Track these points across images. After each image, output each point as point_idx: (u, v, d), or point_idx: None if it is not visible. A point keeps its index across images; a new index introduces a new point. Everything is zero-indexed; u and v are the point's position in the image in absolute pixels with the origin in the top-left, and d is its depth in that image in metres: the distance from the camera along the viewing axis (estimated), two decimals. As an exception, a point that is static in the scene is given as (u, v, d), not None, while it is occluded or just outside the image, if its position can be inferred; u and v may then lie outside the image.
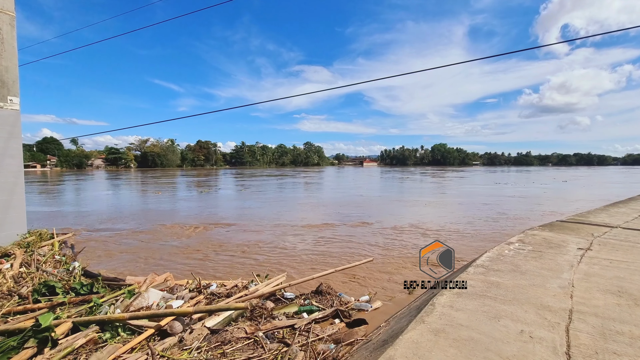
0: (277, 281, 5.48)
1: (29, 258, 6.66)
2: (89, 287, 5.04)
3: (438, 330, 2.35)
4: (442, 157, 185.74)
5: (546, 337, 2.25)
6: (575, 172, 76.26)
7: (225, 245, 9.66)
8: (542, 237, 5.25)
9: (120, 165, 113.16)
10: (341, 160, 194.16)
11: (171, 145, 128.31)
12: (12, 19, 8.27)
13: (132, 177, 58.53)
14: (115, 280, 5.58)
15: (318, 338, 3.67)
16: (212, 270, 7.33)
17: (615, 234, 5.62)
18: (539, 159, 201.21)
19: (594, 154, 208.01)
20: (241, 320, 4.16)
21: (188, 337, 3.61)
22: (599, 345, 2.16)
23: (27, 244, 7.64)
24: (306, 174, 65.01)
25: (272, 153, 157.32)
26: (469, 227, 12.06)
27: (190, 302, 4.68)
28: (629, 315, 2.60)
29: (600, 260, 4.06)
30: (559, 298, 2.91)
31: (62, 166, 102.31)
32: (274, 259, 8.21)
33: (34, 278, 5.64)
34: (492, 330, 2.34)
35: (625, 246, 4.78)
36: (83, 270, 6.23)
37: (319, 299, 4.95)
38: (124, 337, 3.68)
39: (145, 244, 9.89)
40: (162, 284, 5.45)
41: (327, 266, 6.89)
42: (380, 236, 10.60)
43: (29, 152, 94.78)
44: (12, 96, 8.07)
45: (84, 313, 4.28)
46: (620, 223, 6.56)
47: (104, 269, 6.96)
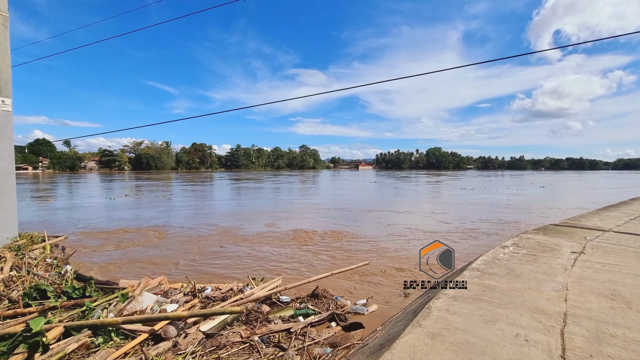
0: (272, 285, 5.45)
1: (19, 261, 6.55)
2: (81, 290, 4.97)
3: (435, 334, 2.35)
4: (437, 161, 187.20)
5: (541, 341, 2.26)
6: (560, 177, 75.58)
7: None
8: (536, 241, 5.29)
9: (114, 168, 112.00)
10: (337, 164, 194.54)
11: (166, 147, 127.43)
12: (5, 19, 8.19)
13: (89, 179, 54.90)
14: (108, 284, 5.50)
15: (314, 342, 3.65)
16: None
17: (608, 237, 5.69)
18: (532, 163, 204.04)
19: (585, 159, 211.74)
20: (236, 324, 4.12)
21: (182, 341, 3.57)
22: (593, 349, 2.18)
23: (17, 247, 7.52)
24: (293, 178, 62.50)
25: (267, 156, 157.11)
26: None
27: (185, 306, 4.63)
28: (622, 318, 2.62)
29: (593, 264, 4.10)
30: (553, 301, 2.93)
31: (54, 168, 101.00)
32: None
33: (25, 282, 5.54)
34: (488, 333, 2.35)
35: (617, 249, 4.84)
36: (75, 274, 6.14)
37: (315, 303, 4.93)
38: (117, 341, 3.63)
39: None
40: (157, 288, 5.39)
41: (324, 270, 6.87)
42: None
43: (21, 153, 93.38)
44: (4, 97, 7.98)
45: (76, 317, 4.21)
46: (612, 227, 6.65)
47: (97, 272, 6.86)
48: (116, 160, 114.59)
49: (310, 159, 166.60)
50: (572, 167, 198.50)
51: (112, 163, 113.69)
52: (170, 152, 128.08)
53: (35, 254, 7.36)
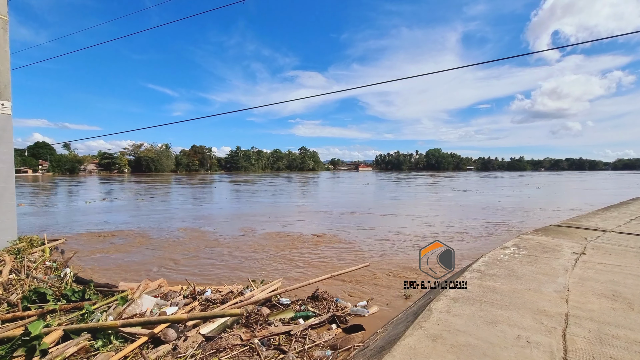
0: (272, 287, 5.43)
1: (19, 265, 6.53)
2: (80, 293, 4.95)
3: (435, 335, 2.33)
4: (436, 162, 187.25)
5: (543, 342, 2.25)
6: (558, 178, 74.59)
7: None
8: (537, 242, 5.28)
9: (114, 170, 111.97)
10: (336, 165, 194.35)
11: (165, 150, 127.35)
12: (5, 22, 8.20)
13: (84, 182, 53.73)
14: (107, 287, 5.48)
15: (315, 344, 3.63)
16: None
17: (608, 238, 5.68)
18: (531, 164, 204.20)
19: (585, 159, 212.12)
20: (236, 327, 4.10)
21: (182, 344, 3.55)
22: (595, 350, 2.16)
23: (17, 251, 7.50)
24: (288, 180, 60.70)
25: (267, 158, 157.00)
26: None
27: (185, 309, 4.61)
28: (624, 319, 2.61)
29: (594, 264, 4.09)
30: (555, 302, 2.92)
31: (54, 171, 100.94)
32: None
33: (24, 285, 5.52)
34: (489, 335, 2.34)
35: (618, 250, 4.83)
36: (75, 277, 6.12)
37: (315, 305, 4.91)
38: (117, 345, 3.61)
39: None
40: (156, 290, 5.37)
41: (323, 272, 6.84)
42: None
43: (20, 156, 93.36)
44: (3, 100, 7.98)
45: (75, 320, 4.19)
46: (613, 227, 6.64)
47: (96, 275, 6.83)
48: (116, 163, 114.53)
49: (309, 161, 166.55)
50: (572, 168, 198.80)
51: (112, 166, 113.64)
52: (170, 155, 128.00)
53: (34, 257, 7.34)
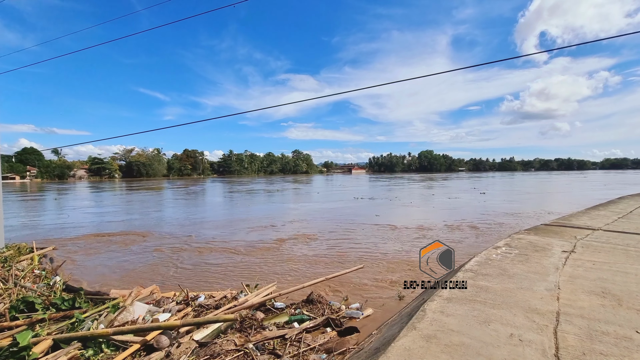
0: (267, 291, 5.39)
1: (6, 273, 6.38)
2: (70, 302, 4.85)
3: (429, 336, 2.35)
4: (429, 164, 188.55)
5: (535, 340, 2.28)
6: (543, 177, 74.48)
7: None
8: (528, 241, 5.35)
9: (104, 176, 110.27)
10: (330, 168, 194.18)
11: (157, 154, 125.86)
12: (-8, 26, 8.07)
13: (66, 188, 52.21)
14: (98, 294, 5.39)
15: (309, 348, 3.62)
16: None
17: (597, 236, 5.79)
18: (522, 165, 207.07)
19: (573, 159, 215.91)
20: (230, 332, 4.06)
21: (175, 351, 3.50)
22: (586, 346, 2.20)
23: (4, 259, 7.34)
24: (277, 185, 55.62)
25: (260, 161, 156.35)
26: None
27: (178, 315, 4.55)
28: (614, 316, 2.66)
29: (584, 262, 4.16)
30: (546, 301, 2.96)
31: (42, 177, 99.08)
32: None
33: (12, 294, 5.39)
34: (482, 334, 2.36)
35: (607, 248, 4.92)
36: (64, 285, 6.00)
37: (309, 308, 4.89)
38: (108, 353, 3.55)
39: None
40: (148, 297, 5.30)
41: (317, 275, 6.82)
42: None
43: (8, 163, 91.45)
44: (-10, 105, 7.83)
45: (65, 329, 4.11)
46: (602, 225, 6.77)
47: (87, 282, 6.71)
48: (106, 168, 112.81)
49: (303, 164, 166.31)
50: (561, 168, 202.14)
51: (102, 171, 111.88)
52: (162, 159, 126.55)
53: (23, 265, 7.18)
